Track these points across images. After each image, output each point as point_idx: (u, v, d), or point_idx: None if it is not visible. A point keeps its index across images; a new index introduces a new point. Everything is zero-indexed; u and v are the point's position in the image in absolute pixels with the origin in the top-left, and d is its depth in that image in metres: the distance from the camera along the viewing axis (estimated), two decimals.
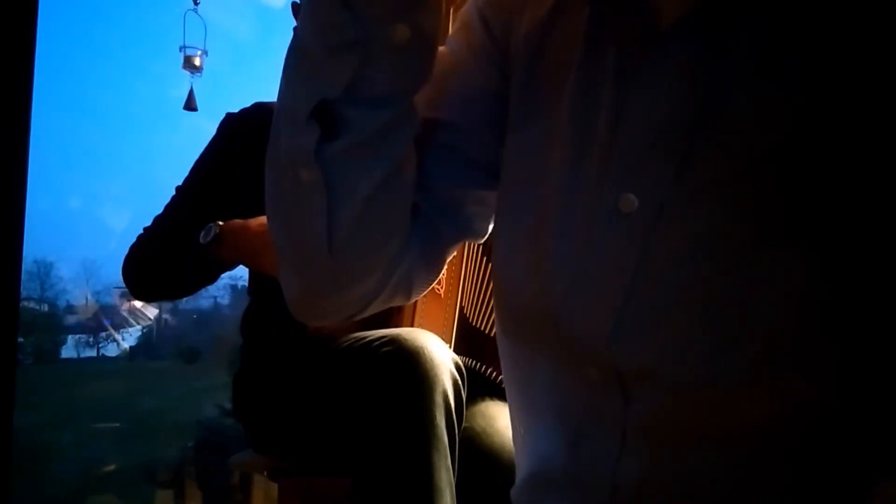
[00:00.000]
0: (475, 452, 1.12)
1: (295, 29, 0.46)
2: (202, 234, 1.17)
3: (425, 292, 0.59)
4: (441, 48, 0.56)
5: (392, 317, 1.19)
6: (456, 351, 1.20)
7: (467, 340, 1.25)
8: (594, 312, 0.44)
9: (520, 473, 0.55)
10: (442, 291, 1.22)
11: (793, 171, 0.39)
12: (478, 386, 1.18)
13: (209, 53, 3.48)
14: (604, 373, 0.44)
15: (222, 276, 1.31)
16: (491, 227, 0.59)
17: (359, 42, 0.43)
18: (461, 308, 1.26)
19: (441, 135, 0.54)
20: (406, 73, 0.46)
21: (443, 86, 0.54)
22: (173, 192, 1.30)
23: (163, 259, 1.24)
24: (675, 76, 0.42)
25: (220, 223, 1.17)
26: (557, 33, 0.50)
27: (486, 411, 1.20)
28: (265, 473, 1.33)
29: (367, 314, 0.55)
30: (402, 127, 0.48)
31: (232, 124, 1.30)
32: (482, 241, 0.61)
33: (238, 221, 1.17)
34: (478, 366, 1.24)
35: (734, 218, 0.40)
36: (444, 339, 1.11)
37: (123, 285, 1.32)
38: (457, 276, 1.23)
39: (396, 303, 0.56)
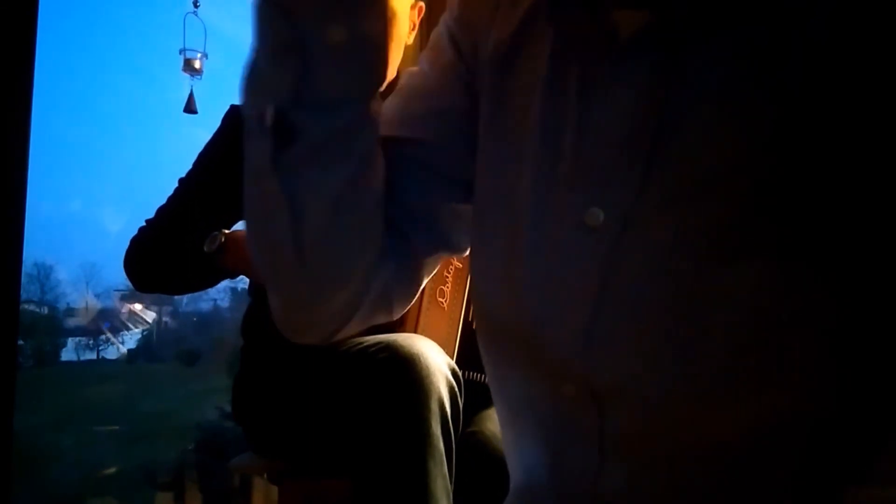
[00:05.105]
0: (486, 456, 1.12)
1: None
2: (207, 242, 1.16)
3: (427, 305, 0.58)
4: (412, 68, 0.57)
5: (394, 328, 1.18)
6: (468, 365, 1.19)
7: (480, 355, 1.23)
8: (564, 327, 0.44)
9: (511, 485, 0.55)
10: (446, 304, 1.20)
11: (754, 183, 0.39)
12: (489, 394, 1.17)
13: (209, 56, 3.48)
14: (577, 388, 0.44)
15: None
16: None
17: (297, 45, 0.43)
18: (471, 322, 1.24)
19: (412, 151, 0.54)
20: (352, 77, 0.46)
21: (413, 103, 0.55)
22: (176, 184, 1.30)
23: (165, 252, 1.23)
24: (635, 91, 0.42)
25: (226, 231, 1.17)
26: (524, 51, 0.51)
27: (495, 416, 1.20)
28: (265, 476, 1.33)
29: (351, 331, 0.55)
30: (359, 133, 0.47)
31: (237, 115, 1.29)
32: (463, 256, 0.61)
33: (244, 231, 1.17)
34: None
35: (698, 231, 0.40)
36: (446, 352, 1.10)
37: (123, 287, 1.33)
38: (462, 289, 1.21)
39: (379, 319, 0.56)
